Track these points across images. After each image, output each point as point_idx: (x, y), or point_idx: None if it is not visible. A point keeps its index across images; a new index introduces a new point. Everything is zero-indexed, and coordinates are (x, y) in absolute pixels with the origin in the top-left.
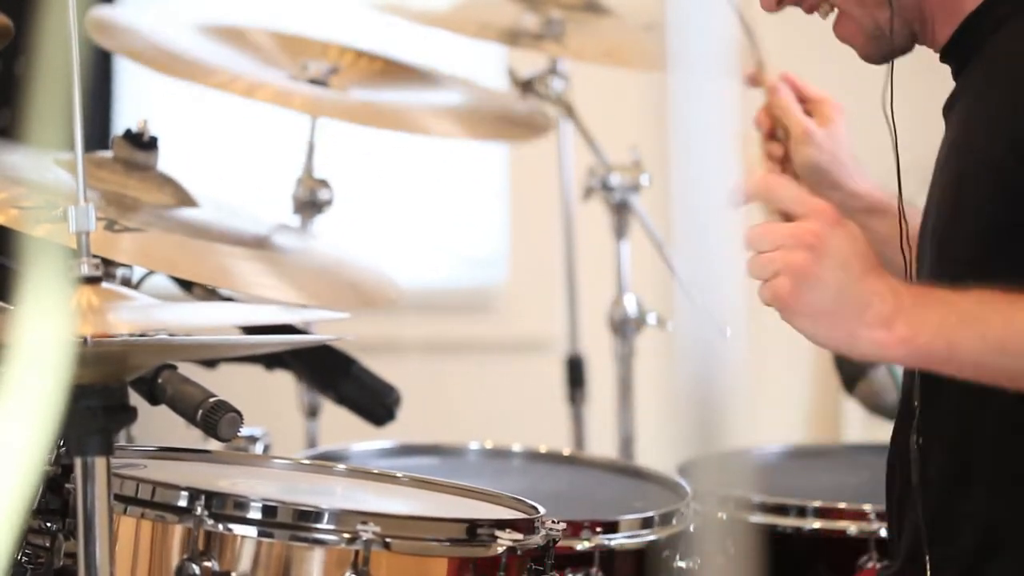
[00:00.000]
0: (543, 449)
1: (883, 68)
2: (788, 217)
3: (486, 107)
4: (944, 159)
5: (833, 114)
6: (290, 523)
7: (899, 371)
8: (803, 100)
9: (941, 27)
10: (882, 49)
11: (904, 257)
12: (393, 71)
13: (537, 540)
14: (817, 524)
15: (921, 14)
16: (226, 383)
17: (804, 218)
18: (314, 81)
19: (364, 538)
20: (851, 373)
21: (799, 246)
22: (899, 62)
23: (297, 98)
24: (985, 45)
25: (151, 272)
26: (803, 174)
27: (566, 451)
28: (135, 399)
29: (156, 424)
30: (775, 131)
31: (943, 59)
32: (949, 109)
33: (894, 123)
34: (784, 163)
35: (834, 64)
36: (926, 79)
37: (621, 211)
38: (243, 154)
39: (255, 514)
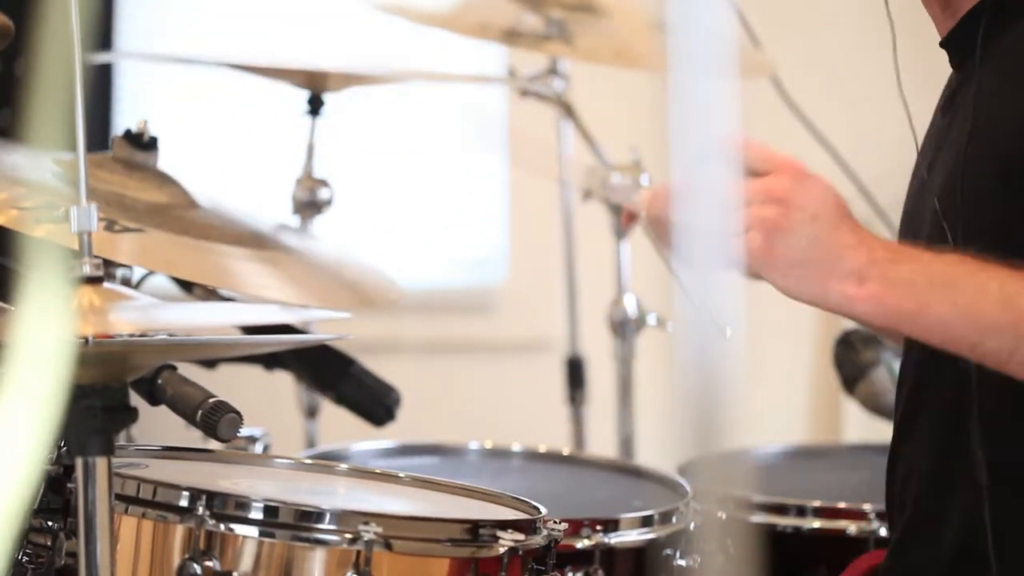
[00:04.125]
0: (543, 449)
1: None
2: (758, 175)
3: None
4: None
5: None
6: (292, 523)
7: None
8: None
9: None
10: None
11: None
12: None
13: (539, 540)
14: (817, 524)
15: None
16: (226, 383)
17: (773, 174)
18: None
19: (366, 538)
20: (851, 373)
21: (769, 201)
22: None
23: None
24: (993, 39)
25: (151, 272)
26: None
27: (566, 451)
28: (135, 399)
29: (156, 424)
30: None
31: (943, 44)
32: (949, 105)
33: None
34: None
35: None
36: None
37: (621, 211)
38: (243, 154)
39: (256, 514)
